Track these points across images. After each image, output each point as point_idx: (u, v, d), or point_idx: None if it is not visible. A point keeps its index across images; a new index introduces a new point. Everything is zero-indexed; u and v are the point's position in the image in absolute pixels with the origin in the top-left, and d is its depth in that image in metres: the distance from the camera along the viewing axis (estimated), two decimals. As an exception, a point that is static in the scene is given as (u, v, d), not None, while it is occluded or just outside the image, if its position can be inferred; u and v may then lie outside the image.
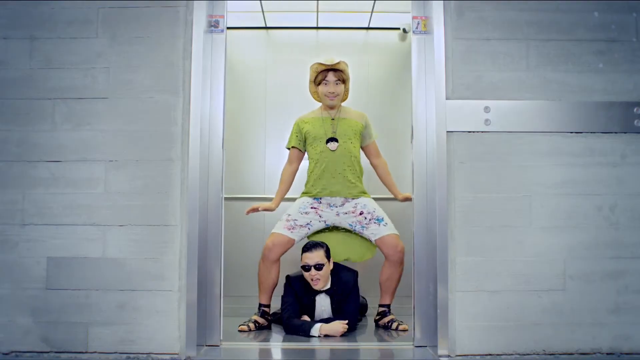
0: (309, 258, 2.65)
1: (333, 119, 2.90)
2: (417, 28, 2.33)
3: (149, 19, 2.20)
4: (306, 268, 2.65)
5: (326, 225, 2.89)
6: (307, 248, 2.69)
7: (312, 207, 2.85)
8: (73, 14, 2.20)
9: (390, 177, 3.06)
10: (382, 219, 2.84)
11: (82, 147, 2.16)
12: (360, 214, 2.83)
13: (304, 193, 2.93)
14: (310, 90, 2.99)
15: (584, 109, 2.17)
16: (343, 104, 2.99)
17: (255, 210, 2.93)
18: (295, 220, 2.83)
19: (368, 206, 2.85)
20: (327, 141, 2.85)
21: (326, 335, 2.51)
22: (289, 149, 3.01)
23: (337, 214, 2.85)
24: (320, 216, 2.85)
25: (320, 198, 2.86)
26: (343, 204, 2.85)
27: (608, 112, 2.16)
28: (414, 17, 2.34)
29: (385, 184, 3.07)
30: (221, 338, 2.30)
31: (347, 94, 2.98)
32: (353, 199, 2.85)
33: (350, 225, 2.85)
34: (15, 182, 2.15)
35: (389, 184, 3.05)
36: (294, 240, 2.83)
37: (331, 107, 2.92)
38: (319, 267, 2.64)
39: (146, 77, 2.18)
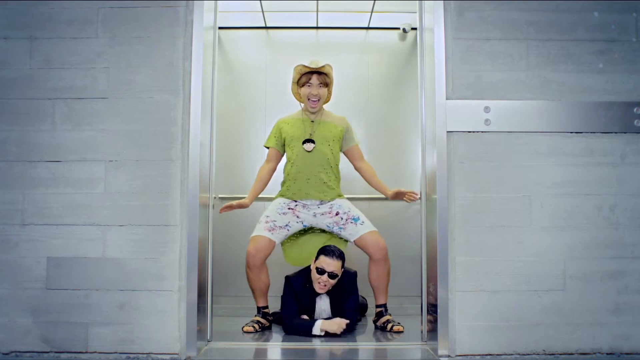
0: (327, 263, 2.61)
1: (313, 122, 2.88)
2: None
3: (148, 19, 2.20)
4: (320, 271, 2.62)
5: (304, 226, 2.86)
6: (327, 252, 2.63)
7: (289, 208, 2.83)
8: (73, 14, 2.20)
9: (376, 178, 2.99)
10: (358, 218, 2.81)
11: (82, 147, 2.16)
12: (337, 214, 2.81)
13: (280, 194, 2.90)
14: (292, 91, 2.95)
15: (584, 109, 2.17)
16: (325, 106, 2.97)
17: (230, 207, 2.85)
18: (275, 221, 2.80)
19: (343, 206, 2.83)
20: (304, 142, 2.82)
21: (327, 334, 2.51)
22: (267, 147, 2.98)
23: (314, 215, 2.83)
24: (297, 217, 2.83)
25: (296, 200, 2.84)
26: (319, 207, 2.82)
27: (608, 112, 2.16)
28: None
29: (373, 185, 3.00)
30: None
31: (330, 96, 2.95)
32: (329, 201, 2.83)
33: (328, 226, 2.83)
34: (15, 182, 2.15)
35: (377, 185, 2.98)
36: (274, 242, 2.78)
37: (312, 111, 2.89)
38: (333, 275, 2.62)
39: (146, 77, 2.18)
